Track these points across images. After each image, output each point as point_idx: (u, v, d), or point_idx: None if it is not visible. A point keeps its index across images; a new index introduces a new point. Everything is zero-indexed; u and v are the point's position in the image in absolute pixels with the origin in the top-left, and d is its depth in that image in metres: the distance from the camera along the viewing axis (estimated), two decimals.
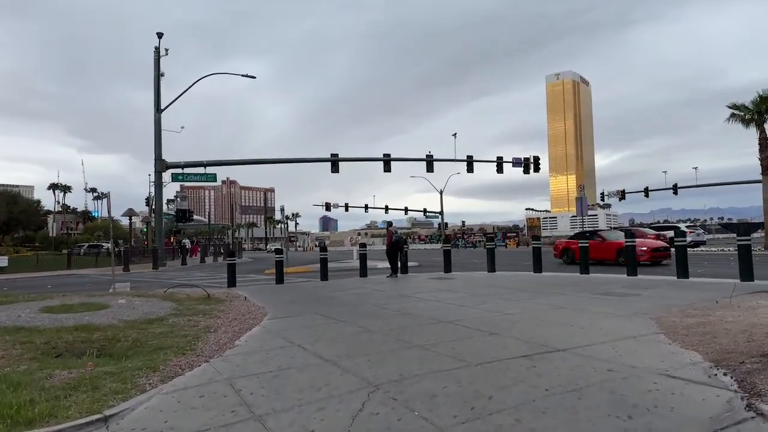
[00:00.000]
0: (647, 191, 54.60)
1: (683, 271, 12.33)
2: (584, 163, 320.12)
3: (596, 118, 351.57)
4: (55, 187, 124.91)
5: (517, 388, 4.55)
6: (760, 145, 30.17)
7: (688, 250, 12.36)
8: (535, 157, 38.19)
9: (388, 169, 34.01)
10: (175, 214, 42.29)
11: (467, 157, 37.13)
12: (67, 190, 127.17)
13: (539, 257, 15.95)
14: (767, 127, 30.13)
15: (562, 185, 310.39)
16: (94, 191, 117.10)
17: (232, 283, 15.14)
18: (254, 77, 31.29)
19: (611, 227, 55.59)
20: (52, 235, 41.05)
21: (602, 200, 64.07)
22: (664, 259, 19.58)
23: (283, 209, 34.18)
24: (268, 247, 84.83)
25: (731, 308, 7.77)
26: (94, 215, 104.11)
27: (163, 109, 29.23)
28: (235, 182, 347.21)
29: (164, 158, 29.57)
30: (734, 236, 12.06)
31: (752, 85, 49.55)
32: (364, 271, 16.95)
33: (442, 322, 7.87)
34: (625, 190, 55.74)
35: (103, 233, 61.36)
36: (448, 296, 10.83)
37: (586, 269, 14.67)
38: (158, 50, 28.72)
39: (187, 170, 30.35)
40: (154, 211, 31.40)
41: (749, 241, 11.56)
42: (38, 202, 45.35)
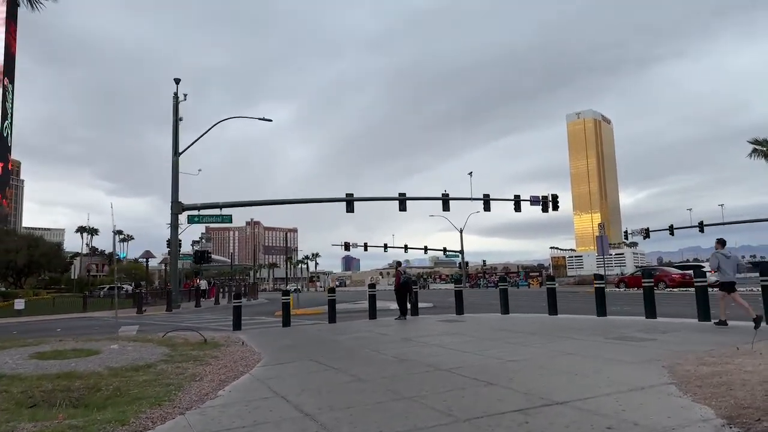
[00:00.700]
0: (672, 229, 53.31)
1: (704, 313, 11.65)
2: (608, 201, 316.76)
3: (620, 155, 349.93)
4: (83, 230, 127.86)
5: None
6: None
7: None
8: (553, 195, 37.68)
9: (403, 208, 33.83)
10: (193, 255, 42.53)
11: (484, 195, 36.81)
12: (94, 232, 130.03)
13: (554, 299, 15.34)
14: None
15: (586, 224, 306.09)
16: (120, 233, 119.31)
17: (237, 326, 14.85)
18: (270, 120, 31.82)
19: (637, 266, 54.21)
20: (73, 277, 41.44)
21: (626, 239, 62.71)
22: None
23: (296, 250, 34.00)
24: (288, 287, 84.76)
25: (752, 355, 7.18)
26: (121, 257, 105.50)
27: (181, 152, 29.71)
28: (258, 223, 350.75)
29: (181, 200, 29.89)
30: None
31: None
32: (373, 312, 16.52)
33: (439, 370, 7.43)
34: (649, 228, 54.58)
35: (125, 275, 61.99)
36: (452, 341, 10.34)
37: (603, 311, 14.02)
38: (176, 96, 29.42)
39: (203, 212, 30.59)
40: (169, 253, 31.57)
41: None
42: (59, 244, 46.08)
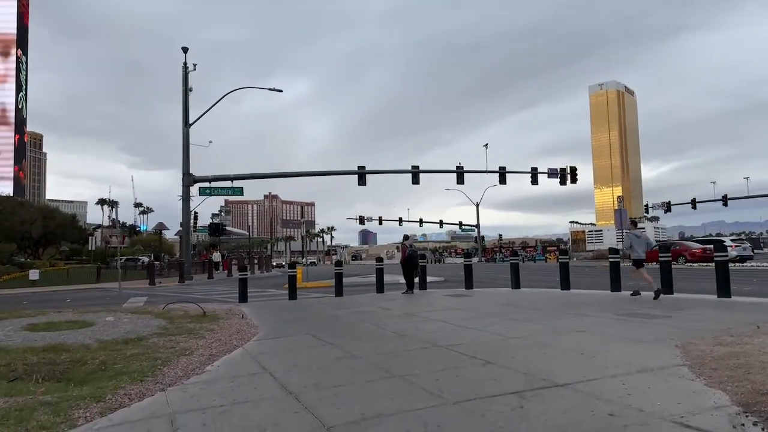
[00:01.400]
0: (694, 203, 51.98)
1: (724, 289, 11.11)
2: (630, 175, 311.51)
3: (643, 128, 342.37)
4: (103, 202, 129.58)
5: None
6: None
7: (736, 265, 11.10)
8: (571, 167, 36.72)
9: (416, 181, 33.28)
10: (208, 227, 42.67)
11: (499, 168, 36.02)
12: (114, 205, 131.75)
13: (567, 273, 14.86)
14: None
15: (607, 198, 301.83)
16: (140, 206, 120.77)
17: (242, 298, 14.69)
18: (281, 91, 31.23)
19: (658, 241, 53.14)
20: (92, 248, 41.88)
21: (647, 212, 61.48)
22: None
23: (313, 223, 33.75)
24: (303, 260, 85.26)
25: None
26: (141, 229, 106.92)
27: (191, 123, 29.41)
28: (276, 197, 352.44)
29: (195, 173, 29.74)
30: None
31: None
32: (380, 286, 16.24)
33: (436, 346, 7.08)
34: (670, 201, 53.25)
35: (143, 247, 62.67)
36: (456, 316, 9.98)
37: (617, 286, 13.55)
38: (186, 66, 28.99)
39: (214, 184, 30.41)
40: (181, 224, 31.58)
41: None
42: (74, 216, 46.49)
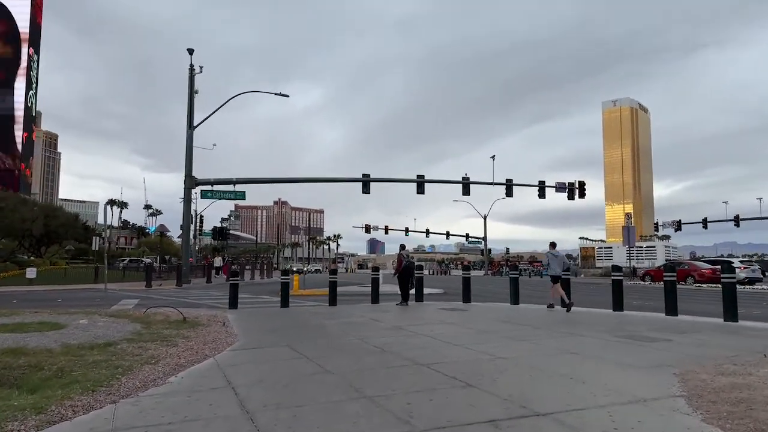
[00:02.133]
0: (706, 222, 51.11)
1: (731, 312, 10.56)
2: (642, 192, 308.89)
3: (657, 146, 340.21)
4: (112, 203, 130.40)
5: None
6: None
7: (745, 287, 10.58)
8: (580, 182, 36.11)
9: (421, 190, 32.85)
10: (211, 232, 42.46)
11: (506, 180, 35.47)
12: (123, 206, 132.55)
13: (568, 290, 14.31)
14: None
15: (618, 214, 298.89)
16: (149, 208, 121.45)
17: (233, 304, 14.28)
18: (287, 96, 31.05)
19: (668, 260, 52.21)
20: (95, 248, 41.83)
21: (656, 230, 60.52)
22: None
23: (318, 231, 33.40)
24: (307, 267, 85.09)
25: None
26: (149, 231, 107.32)
27: (196, 126, 29.23)
28: (286, 203, 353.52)
29: (198, 176, 29.55)
30: None
31: None
32: (375, 296, 15.77)
33: (417, 364, 6.62)
34: (681, 220, 52.39)
35: (148, 249, 62.69)
36: (446, 331, 9.51)
37: (619, 305, 13.01)
38: (192, 68, 28.86)
39: (216, 187, 30.17)
40: (182, 227, 31.36)
41: None
42: (77, 215, 46.50)
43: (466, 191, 34.42)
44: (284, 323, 10.97)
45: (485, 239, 63.62)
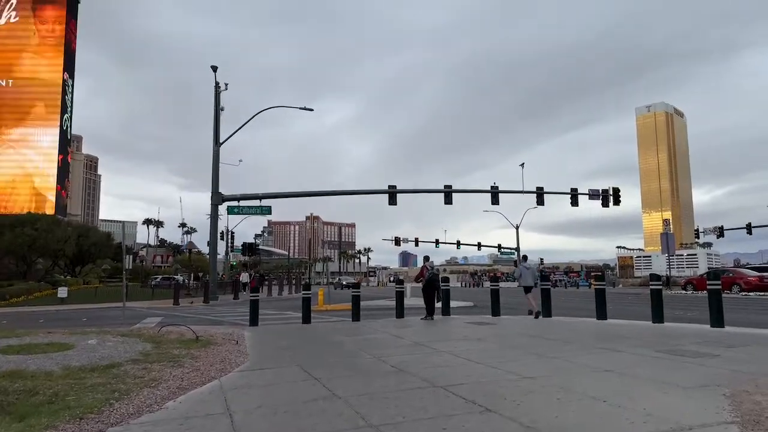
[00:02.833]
0: (750, 228, 48.85)
1: None
2: (680, 198, 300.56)
3: (696, 151, 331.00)
4: (149, 222, 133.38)
5: None
6: None
7: None
8: (614, 188, 34.87)
9: (449, 201, 32.19)
10: (241, 247, 42.57)
11: (537, 188, 34.49)
12: (159, 224, 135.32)
13: (603, 301, 13.51)
14: None
15: (656, 222, 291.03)
16: (184, 226, 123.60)
17: (253, 321, 13.91)
18: (311, 110, 31.00)
19: (710, 268, 50.07)
20: (127, 267, 42.38)
21: (697, 237, 58.24)
22: None
23: (349, 245, 33.07)
24: (336, 281, 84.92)
25: None
26: (183, 249, 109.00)
27: (222, 142, 29.36)
28: (318, 218, 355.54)
29: (221, 191, 29.58)
30: None
31: None
32: (400, 311, 15.20)
33: (434, 386, 6.06)
34: (723, 226, 50.21)
35: (181, 266, 63.34)
36: (469, 348, 8.89)
37: (660, 316, 12.15)
38: (217, 85, 29.05)
39: (242, 203, 30.18)
40: (208, 243, 31.42)
41: None
42: (109, 234, 47.30)
43: (495, 201, 33.60)
44: (300, 341, 10.53)
45: (518, 250, 62.25)
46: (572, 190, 35.27)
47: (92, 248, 37.07)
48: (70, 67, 44.56)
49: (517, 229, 59.23)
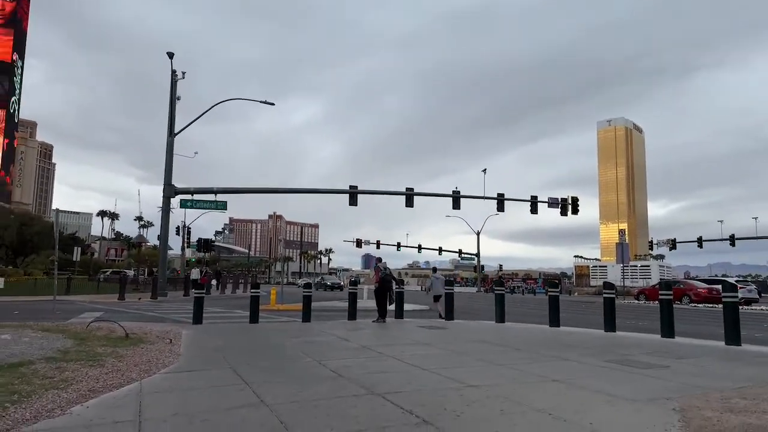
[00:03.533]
0: (701, 242, 50.29)
1: (733, 335, 9.61)
2: (636, 211, 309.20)
3: (653, 166, 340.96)
4: (103, 214, 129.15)
5: None
6: None
7: (743, 308, 9.64)
8: (573, 197, 35.27)
9: (410, 203, 31.90)
10: (196, 243, 41.35)
11: (497, 194, 34.57)
12: (114, 217, 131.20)
13: (557, 308, 13.38)
14: None
15: (613, 233, 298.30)
16: (140, 219, 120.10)
17: (197, 319, 13.21)
18: (273, 104, 30.22)
19: (661, 279, 51.28)
20: (75, 259, 40.79)
21: (651, 249, 59.66)
22: None
23: (312, 246, 32.39)
24: (298, 281, 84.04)
25: None
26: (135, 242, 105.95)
27: (176, 133, 28.32)
28: (281, 217, 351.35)
29: (179, 184, 28.55)
30: None
31: None
32: (352, 313, 14.74)
33: (372, 394, 5.63)
34: (675, 239, 51.56)
35: (134, 261, 61.36)
36: (416, 353, 8.51)
37: (612, 325, 12.06)
38: (174, 73, 28.01)
39: (196, 197, 29.18)
40: (159, 237, 30.23)
41: None
42: (53, 224, 45.19)
43: (456, 205, 33.48)
44: (240, 341, 9.94)
45: (478, 255, 62.61)
46: (532, 197, 35.49)
47: (35, 238, 35.19)
48: (20, 47, 42.42)
49: (478, 235, 59.54)
